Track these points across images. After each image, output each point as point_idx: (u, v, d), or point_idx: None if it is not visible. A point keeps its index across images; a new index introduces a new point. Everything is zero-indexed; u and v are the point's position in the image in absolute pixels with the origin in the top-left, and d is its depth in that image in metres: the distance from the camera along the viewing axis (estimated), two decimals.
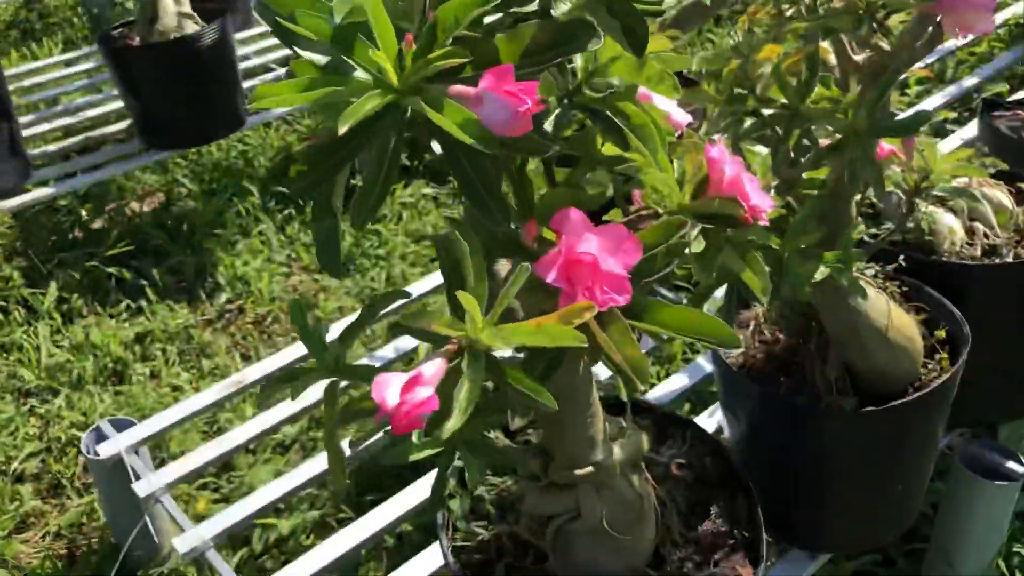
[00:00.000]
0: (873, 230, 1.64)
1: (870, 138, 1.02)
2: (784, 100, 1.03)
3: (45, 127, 3.04)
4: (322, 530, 1.93)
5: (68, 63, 3.69)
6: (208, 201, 2.99)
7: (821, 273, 1.15)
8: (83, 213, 2.97)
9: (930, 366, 1.38)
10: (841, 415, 1.31)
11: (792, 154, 1.12)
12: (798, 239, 1.12)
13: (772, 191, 1.19)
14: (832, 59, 1.13)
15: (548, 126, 0.73)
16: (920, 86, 3.17)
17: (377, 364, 2.00)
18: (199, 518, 1.81)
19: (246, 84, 2.96)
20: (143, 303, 2.63)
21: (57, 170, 2.85)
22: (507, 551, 1.12)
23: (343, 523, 1.71)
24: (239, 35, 3.38)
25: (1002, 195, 1.66)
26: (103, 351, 2.48)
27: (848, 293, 1.22)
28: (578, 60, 0.76)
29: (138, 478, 1.73)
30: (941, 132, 2.64)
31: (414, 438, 0.86)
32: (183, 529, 1.60)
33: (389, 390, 0.53)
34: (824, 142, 1.08)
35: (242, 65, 3.08)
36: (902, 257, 1.51)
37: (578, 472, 0.97)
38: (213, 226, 2.90)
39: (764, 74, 1.05)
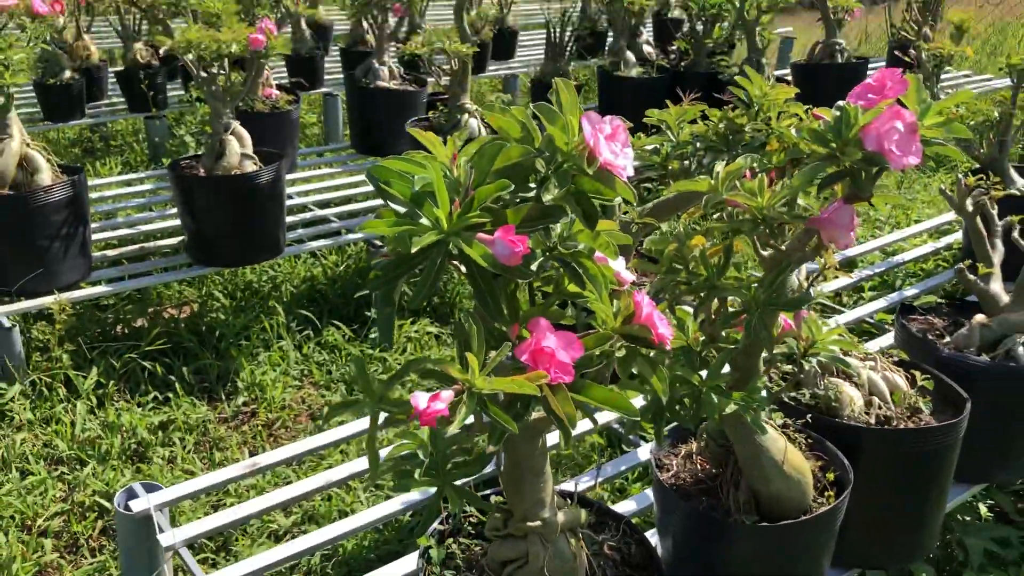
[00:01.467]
0: (793, 393, 2.03)
1: (765, 310, 1.43)
2: (705, 276, 1.44)
3: (105, 235, 3.47)
4: None
5: (128, 183, 4.17)
6: (237, 315, 3.39)
7: (731, 408, 1.53)
8: (127, 312, 3.35)
9: (819, 501, 1.74)
10: (743, 528, 1.65)
11: (713, 316, 1.52)
12: (714, 379, 1.51)
13: (700, 344, 1.59)
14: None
15: (534, 267, 1.13)
16: (873, 292, 3.63)
17: None
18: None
19: (288, 219, 3.42)
20: (170, 395, 2.98)
21: (110, 272, 3.27)
22: None
23: None
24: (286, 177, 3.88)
25: (900, 379, 2.06)
26: (129, 432, 2.81)
27: (752, 430, 1.59)
28: (557, 228, 1.17)
29: (162, 531, 2.04)
30: (881, 330, 3.07)
31: (414, 487, 1.22)
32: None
33: (420, 400, 0.91)
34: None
35: (287, 203, 3.55)
36: (809, 416, 1.89)
37: (529, 524, 1.32)
38: (239, 337, 3.28)
39: (695, 255, 1.46)
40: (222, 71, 3.09)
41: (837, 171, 1.32)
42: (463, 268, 1.02)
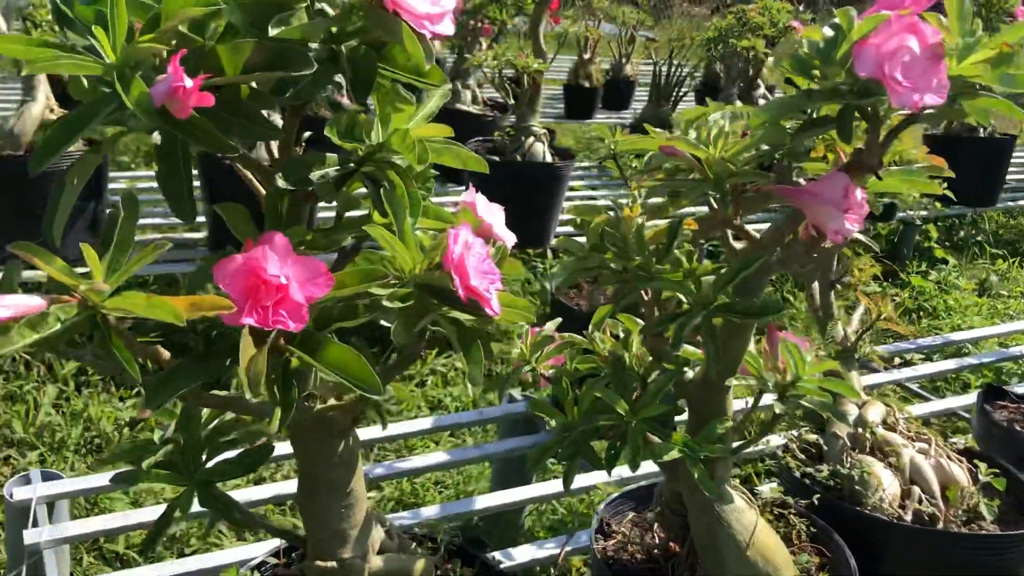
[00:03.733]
0: (808, 469, 1.56)
1: (713, 314, 1.01)
2: (637, 261, 1.03)
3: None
4: None
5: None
6: None
7: (669, 453, 1.11)
8: None
9: None
10: None
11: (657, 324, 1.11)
12: (647, 411, 1.09)
13: (645, 364, 1.18)
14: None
15: (316, 175, 0.77)
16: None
17: None
18: None
19: None
20: None
21: None
22: None
23: None
24: None
25: (960, 472, 1.55)
26: (94, 425, 2.56)
27: (714, 497, 1.15)
28: (376, 133, 0.81)
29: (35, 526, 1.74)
30: None
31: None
32: None
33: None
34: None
35: None
36: (816, 498, 1.43)
37: (319, 564, 0.93)
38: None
39: (633, 233, 1.06)
40: None
41: (818, 116, 0.90)
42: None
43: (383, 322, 0.75)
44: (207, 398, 0.76)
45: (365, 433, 2.19)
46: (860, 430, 1.57)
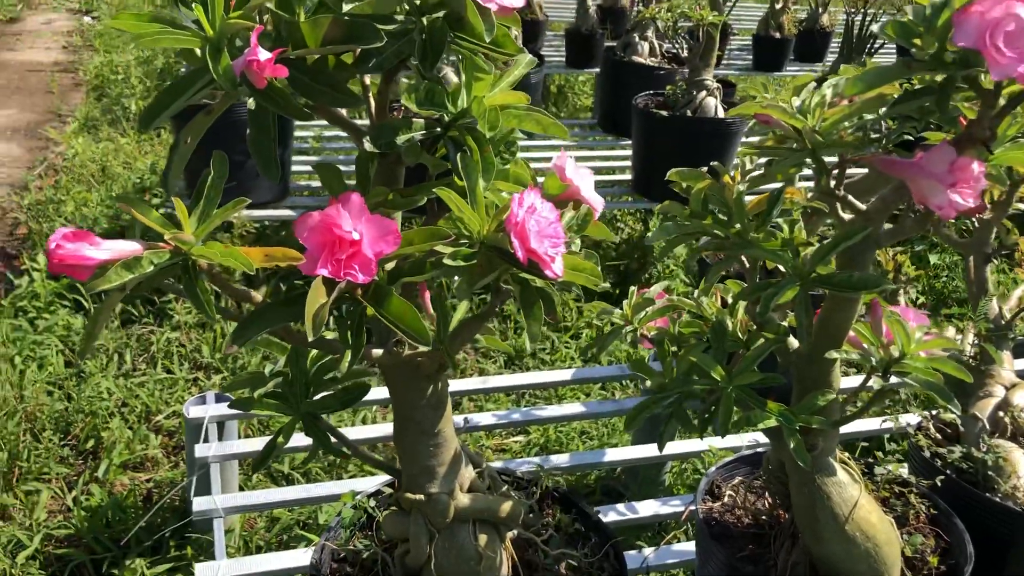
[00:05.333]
0: (940, 449, 1.50)
1: (810, 285, 0.99)
2: (737, 228, 1.03)
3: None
4: None
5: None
6: None
7: (765, 422, 1.11)
8: None
9: None
10: None
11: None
12: (742, 378, 1.10)
13: (747, 331, 1.18)
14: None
15: (402, 139, 0.83)
16: None
17: None
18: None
19: None
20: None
21: (307, 201, 3.28)
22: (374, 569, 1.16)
23: None
24: None
25: None
26: (272, 356, 2.79)
27: (808, 468, 1.14)
28: (461, 100, 0.86)
29: (206, 442, 1.94)
30: None
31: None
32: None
33: (61, 238, 0.66)
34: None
35: None
36: (939, 479, 1.38)
37: (408, 495, 1.01)
38: None
39: (734, 198, 1.06)
40: None
41: (919, 87, 0.87)
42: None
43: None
44: (295, 337, 0.84)
45: (514, 379, 2.28)
46: (1001, 413, 1.49)
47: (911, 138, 1.04)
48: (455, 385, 2.25)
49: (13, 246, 3.39)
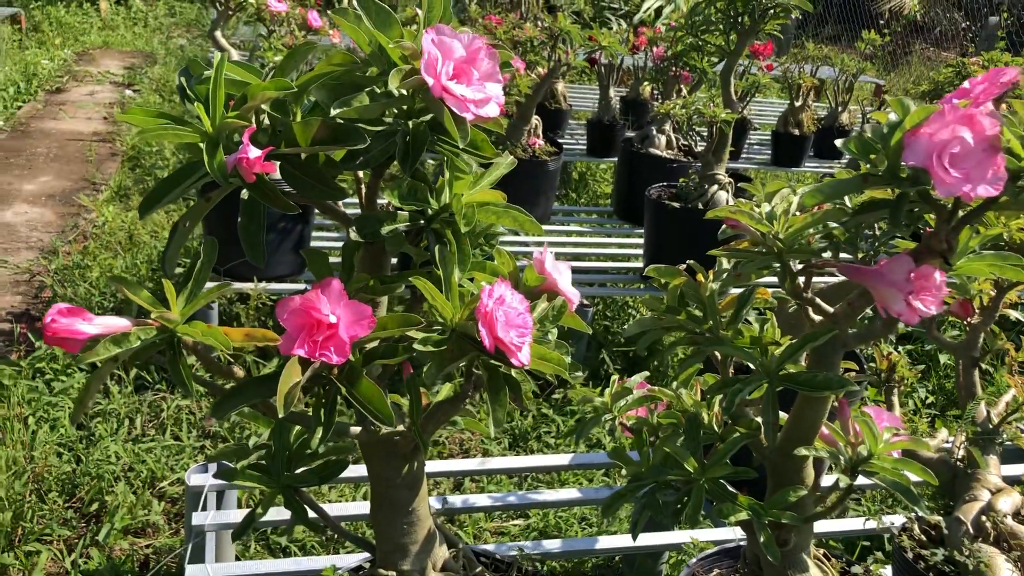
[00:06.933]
0: (923, 552, 1.51)
1: (772, 380, 1.03)
2: (708, 324, 1.08)
3: (330, 244, 3.60)
4: None
5: None
6: None
7: (736, 515, 1.14)
8: None
9: None
10: None
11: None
12: (713, 469, 1.13)
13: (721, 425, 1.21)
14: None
15: (386, 230, 0.89)
16: None
17: None
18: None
19: None
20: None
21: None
22: None
23: None
24: None
25: None
26: None
27: (776, 563, 1.16)
28: (444, 196, 0.92)
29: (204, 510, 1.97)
30: None
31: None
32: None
33: (57, 314, 0.72)
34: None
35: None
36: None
37: (381, 572, 1.04)
38: None
39: (707, 296, 1.10)
40: None
41: (874, 199, 0.92)
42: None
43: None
44: (275, 412, 0.89)
45: (514, 462, 2.31)
46: (984, 518, 1.49)
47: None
48: (456, 465, 2.28)
49: (37, 309, 3.49)
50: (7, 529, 2.26)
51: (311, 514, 1.07)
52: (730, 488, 1.14)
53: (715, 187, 3.46)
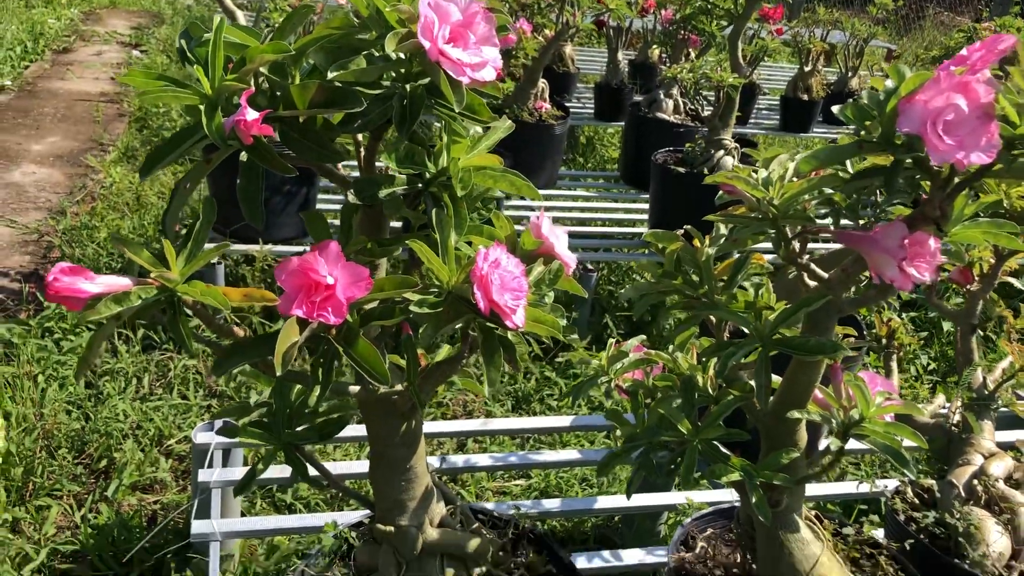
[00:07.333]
0: (914, 514, 1.53)
1: (765, 344, 1.05)
2: (703, 289, 1.09)
3: (336, 205, 3.61)
4: None
5: None
6: None
7: (729, 475, 1.16)
8: None
9: None
10: None
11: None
12: (707, 431, 1.15)
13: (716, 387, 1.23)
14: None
15: (384, 192, 0.90)
16: None
17: None
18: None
19: None
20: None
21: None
22: None
23: None
24: None
25: None
26: None
27: (768, 523, 1.18)
28: (442, 160, 0.93)
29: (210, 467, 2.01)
30: None
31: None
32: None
33: (61, 274, 0.73)
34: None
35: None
36: (909, 543, 1.41)
37: (379, 527, 1.06)
38: None
39: (703, 261, 1.12)
40: None
41: (871, 167, 0.93)
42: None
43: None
44: (274, 371, 0.90)
45: (516, 423, 2.34)
46: (976, 482, 1.51)
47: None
48: (459, 426, 2.31)
49: (46, 269, 3.51)
50: (18, 484, 2.30)
51: (314, 474, 1.10)
52: (723, 450, 1.16)
53: (721, 152, 3.46)
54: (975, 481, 1.52)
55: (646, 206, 3.95)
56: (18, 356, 2.78)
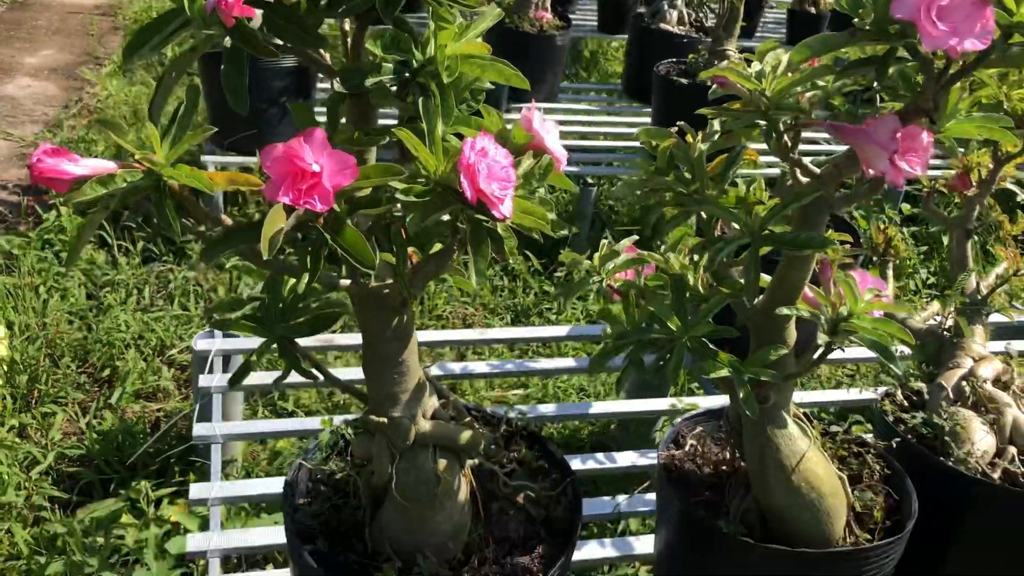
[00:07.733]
0: (902, 415, 1.55)
1: (755, 240, 1.05)
2: (695, 185, 1.09)
3: None
4: None
5: None
6: None
7: (716, 371, 1.17)
8: None
9: (851, 540, 1.30)
10: (729, 543, 1.27)
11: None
12: (696, 328, 1.16)
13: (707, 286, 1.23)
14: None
15: (371, 81, 0.89)
16: None
17: None
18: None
19: None
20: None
21: None
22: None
23: None
24: None
25: None
26: None
27: (755, 418, 1.20)
28: (430, 48, 0.92)
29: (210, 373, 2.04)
30: None
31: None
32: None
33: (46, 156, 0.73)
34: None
35: None
36: (895, 440, 1.44)
37: (372, 418, 1.08)
38: None
39: (695, 157, 1.11)
40: None
41: (864, 56, 0.92)
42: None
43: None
44: (263, 260, 0.91)
45: (513, 332, 2.36)
46: (965, 384, 1.53)
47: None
48: (457, 335, 2.33)
49: None
50: (23, 391, 2.34)
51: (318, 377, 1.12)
52: (712, 347, 1.17)
53: (724, 63, 3.40)
54: (964, 383, 1.54)
55: (648, 120, 3.91)
56: (19, 267, 2.79)
